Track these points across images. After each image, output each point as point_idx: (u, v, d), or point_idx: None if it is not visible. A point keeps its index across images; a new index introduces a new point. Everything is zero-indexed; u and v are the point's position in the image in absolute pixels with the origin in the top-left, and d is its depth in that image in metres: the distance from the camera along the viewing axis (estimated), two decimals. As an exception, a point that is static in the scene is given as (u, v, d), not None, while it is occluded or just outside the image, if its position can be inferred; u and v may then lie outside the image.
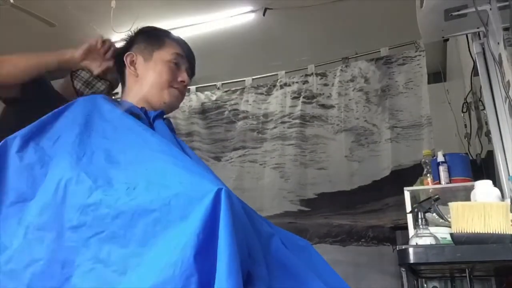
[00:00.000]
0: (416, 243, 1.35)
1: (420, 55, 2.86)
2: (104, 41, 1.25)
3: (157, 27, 1.26)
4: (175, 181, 0.74)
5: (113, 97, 1.18)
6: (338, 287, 0.93)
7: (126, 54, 1.19)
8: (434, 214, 1.50)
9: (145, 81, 1.16)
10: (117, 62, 1.23)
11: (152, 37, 1.21)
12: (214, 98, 3.47)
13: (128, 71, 1.19)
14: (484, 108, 1.76)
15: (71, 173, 0.82)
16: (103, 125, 0.97)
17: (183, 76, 1.19)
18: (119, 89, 1.31)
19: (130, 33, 1.25)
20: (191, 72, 1.24)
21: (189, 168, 0.78)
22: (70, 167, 0.84)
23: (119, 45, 1.27)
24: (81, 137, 0.92)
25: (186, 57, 1.21)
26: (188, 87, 1.30)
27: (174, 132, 1.15)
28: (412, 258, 1.16)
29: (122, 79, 1.23)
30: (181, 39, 1.25)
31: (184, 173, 0.76)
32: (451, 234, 1.16)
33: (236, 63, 3.87)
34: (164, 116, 1.14)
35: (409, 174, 2.52)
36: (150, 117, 1.08)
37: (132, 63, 1.18)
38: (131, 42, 1.23)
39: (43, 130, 0.96)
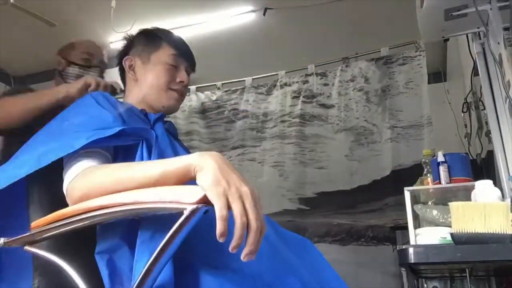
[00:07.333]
0: (416, 243, 1.36)
1: (420, 55, 2.86)
2: (98, 84, 1.32)
3: (155, 28, 1.25)
4: None
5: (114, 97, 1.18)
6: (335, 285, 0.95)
7: (124, 59, 1.19)
8: (435, 214, 1.50)
9: (144, 84, 1.16)
10: (117, 66, 1.23)
11: (149, 40, 1.20)
12: (214, 98, 3.47)
13: (128, 75, 1.19)
14: (484, 108, 1.76)
15: None
16: None
17: (181, 76, 1.18)
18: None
19: (128, 35, 1.25)
20: (191, 70, 1.24)
21: None
22: None
23: (118, 45, 1.27)
24: None
25: (183, 57, 1.20)
26: (188, 87, 1.30)
27: (174, 134, 1.16)
28: (412, 258, 1.16)
29: (123, 81, 1.23)
30: (179, 38, 1.24)
31: None
32: (451, 234, 1.16)
33: (236, 63, 3.86)
34: (165, 119, 1.15)
35: (409, 174, 2.52)
36: (150, 119, 1.09)
37: (131, 67, 1.18)
38: (129, 45, 1.23)
39: None
